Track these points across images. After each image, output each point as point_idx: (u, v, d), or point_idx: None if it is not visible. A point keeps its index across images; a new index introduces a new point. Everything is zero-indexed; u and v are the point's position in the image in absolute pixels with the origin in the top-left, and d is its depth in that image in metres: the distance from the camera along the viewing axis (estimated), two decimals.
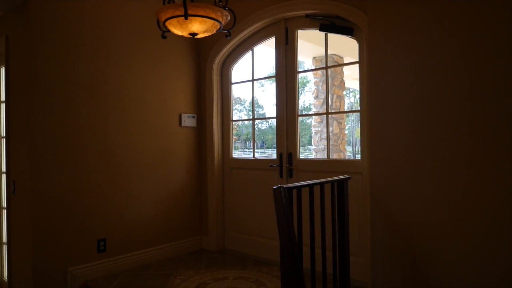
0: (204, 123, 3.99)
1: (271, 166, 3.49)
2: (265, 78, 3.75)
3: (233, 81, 3.92)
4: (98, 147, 3.23)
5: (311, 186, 2.02)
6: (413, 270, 1.92)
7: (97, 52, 3.23)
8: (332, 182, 2.18)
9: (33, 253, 2.87)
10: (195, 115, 3.97)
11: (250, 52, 3.75)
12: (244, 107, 17.39)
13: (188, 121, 3.90)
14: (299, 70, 3.38)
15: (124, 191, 3.40)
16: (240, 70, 4.00)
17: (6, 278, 3.32)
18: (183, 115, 3.85)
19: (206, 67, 3.94)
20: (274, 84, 3.50)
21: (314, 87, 6.30)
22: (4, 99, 3.32)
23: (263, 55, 4.00)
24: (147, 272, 3.29)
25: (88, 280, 3.10)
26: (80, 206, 3.11)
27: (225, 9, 2.57)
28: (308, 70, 3.31)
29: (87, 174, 3.15)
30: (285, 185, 1.79)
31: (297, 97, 3.37)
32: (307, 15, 3.18)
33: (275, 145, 3.57)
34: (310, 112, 5.25)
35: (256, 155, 4.17)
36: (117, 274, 3.24)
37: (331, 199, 2.18)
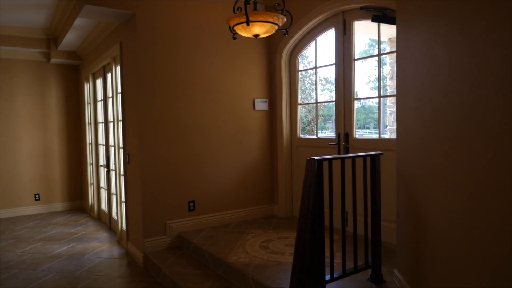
0: (275, 106, 4.57)
1: (330, 144, 3.94)
2: (327, 65, 4.14)
3: (299, 69, 4.40)
4: (189, 126, 4.04)
5: (342, 159, 2.47)
6: (420, 232, 2.23)
7: (188, 50, 4.00)
8: (364, 156, 2.59)
9: (143, 208, 3.82)
10: (267, 100, 4.57)
11: (313, 43, 4.18)
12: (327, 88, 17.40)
13: (261, 105, 4.51)
14: (356, 57, 3.73)
15: (208, 163, 4.18)
16: (324, 51, 4.34)
17: (125, 227, 4.40)
18: (256, 100, 4.48)
19: (276, 58, 4.49)
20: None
21: (389, 68, 6.38)
22: (120, 91, 4.32)
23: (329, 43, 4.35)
24: (226, 229, 4.06)
25: (181, 231, 3.98)
26: (175, 173, 3.97)
27: (282, 12, 3.09)
28: (362, 58, 3.41)
29: (180, 149, 3.99)
30: (316, 157, 2.29)
31: (353, 82, 3.73)
32: (361, 8, 3.50)
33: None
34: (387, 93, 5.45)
35: (323, 135, 4.60)
36: (203, 229, 4.08)
37: (363, 171, 2.60)
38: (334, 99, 3.96)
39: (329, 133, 4.46)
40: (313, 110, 4.07)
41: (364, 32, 3.96)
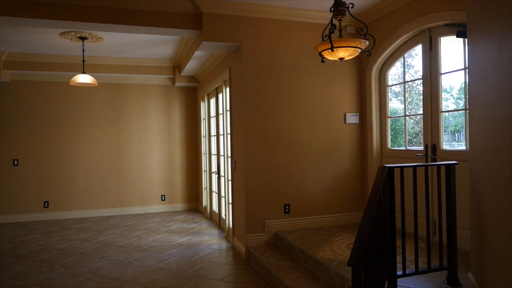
0: (365, 120, 4.87)
1: (418, 155, 4.10)
2: (415, 80, 4.32)
3: (389, 84, 4.65)
4: (286, 138, 4.62)
5: (414, 167, 2.75)
6: (485, 239, 2.33)
7: (286, 72, 4.61)
8: (438, 165, 2.81)
9: (245, 209, 4.49)
10: (357, 114, 4.90)
11: (401, 59, 4.41)
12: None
13: (352, 118, 4.87)
14: (442, 72, 3.87)
15: (301, 170, 4.69)
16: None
17: (231, 225, 5.15)
18: (347, 114, 4.86)
19: (366, 74, 4.81)
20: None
21: None
22: (228, 109, 5.13)
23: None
24: (317, 231, 4.49)
25: (277, 230, 4.54)
26: (273, 179, 4.57)
27: (365, 36, 3.47)
28: (450, 72, 3.33)
29: (278, 158, 4.59)
30: (388, 165, 2.63)
31: (440, 95, 3.87)
32: (446, 24, 3.66)
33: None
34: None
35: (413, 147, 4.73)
36: (296, 230, 4.58)
37: (437, 179, 2.82)
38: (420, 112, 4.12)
39: (417, 146, 4.58)
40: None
41: (450, 47, 4.06)
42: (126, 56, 6.71)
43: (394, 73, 4.67)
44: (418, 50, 4.18)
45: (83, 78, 5.40)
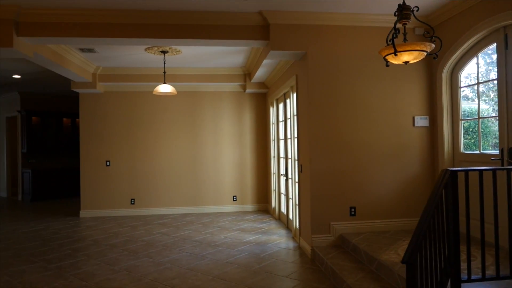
0: (435, 122, 4.74)
1: (492, 159, 3.91)
2: (490, 80, 4.13)
3: (461, 85, 4.48)
4: (351, 142, 4.69)
5: (480, 171, 2.70)
6: None
7: (351, 76, 4.69)
8: (508, 170, 2.72)
9: (311, 210, 4.64)
10: (427, 117, 4.78)
11: (475, 59, 4.23)
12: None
13: (421, 122, 4.77)
14: None
15: (368, 173, 4.71)
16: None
17: (298, 225, 5.33)
18: (416, 117, 4.77)
19: (436, 76, 4.68)
20: None
21: None
22: (295, 113, 5.33)
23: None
24: (383, 235, 4.48)
25: (343, 232, 4.62)
26: (338, 182, 4.67)
27: (431, 39, 3.46)
28: None
29: (343, 161, 4.67)
30: (451, 168, 2.62)
31: None
32: None
33: None
34: None
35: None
36: (362, 232, 4.61)
37: (507, 183, 2.73)
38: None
39: (493, 149, 4.33)
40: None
41: None
42: (202, 66, 7.25)
43: (466, 74, 4.48)
44: (492, 49, 4.00)
45: (164, 88, 5.99)
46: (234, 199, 8.01)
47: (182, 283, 3.87)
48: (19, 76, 8.05)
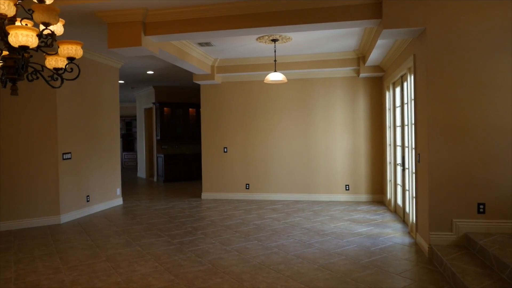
0: None
1: None
2: None
3: None
4: (478, 129, 4.06)
5: None
6: None
7: (478, 54, 4.04)
8: None
9: (429, 204, 4.20)
10: None
11: None
12: None
13: None
14: None
15: (501, 165, 4.03)
16: None
17: (415, 220, 4.89)
18: None
19: None
20: None
21: None
22: (413, 97, 4.85)
23: None
24: None
25: (468, 232, 4.07)
26: (462, 174, 4.11)
27: None
28: None
29: (468, 150, 4.09)
30: None
31: None
32: None
33: None
34: None
35: None
36: (493, 233, 3.99)
37: None
38: None
39: None
40: None
41: None
42: (312, 52, 7.13)
43: None
44: None
45: (275, 76, 6.07)
46: (347, 188, 7.75)
47: (287, 269, 3.92)
48: (152, 72, 9.10)
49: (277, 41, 6.14)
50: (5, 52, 2.63)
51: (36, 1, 2.53)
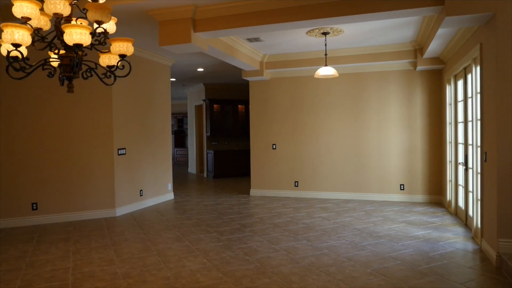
0: None
1: None
2: None
3: None
4: None
5: None
6: None
7: None
8: None
9: (498, 208, 3.82)
10: None
11: None
12: None
13: None
14: None
15: None
16: None
17: (479, 224, 4.48)
18: None
19: None
20: None
21: None
22: (479, 91, 4.43)
23: None
24: None
25: None
26: None
27: None
28: None
29: None
30: None
31: None
32: None
33: None
34: None
35: None
36: None
37: None
38: None
39: None
40: None
41: None
42: (365, 45, 6.80)
43: None
44: None
45: (325, 71, 5.86)
46: (402, 188, 7.35)
47: (338, 272, 3.75)
48: (202, 69, 9.21)
49: (328, 34, 5.92)
50: (62, 51, 2.72)
51: (90, 0, 2.58)
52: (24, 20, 2.47)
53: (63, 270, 3.88)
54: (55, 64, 2.86)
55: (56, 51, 2.75)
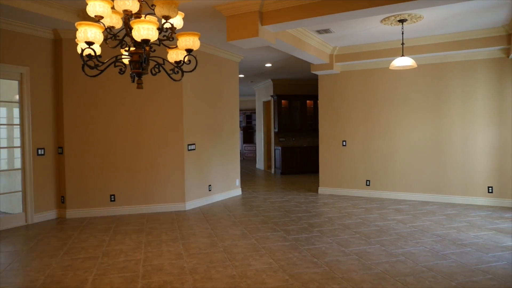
0: None
1: None
2: None
3: None
4: None
5: None
6: None
7: None
8: None
9: None
10: None
11: None
12: None
13: None
14: None
15: None
16: None
17: None
18: None
19: None
20: None
21: None
22: None
23: None
24: None
25: None
26: None
27: None
28: None
29: None
30: None
31: None
32: None
33: None
34: None
35: None
36: None
37: None
38: None
39: None
40: None
41: None
42: (447, 33, 6.16)
43: None
44: None
45: (402, 61, 5.40)
46: (490, 191, 6.57)
47: (417, 283, 3.39)
48: (270, 65, 9.11)
49: (405, 21, 5.44)
50: (132, 48, 2.76)
51: None
52: (97, 19, 2.53)
53: (135, 262, 4.02)
54: (126, 61, 2.92)
55: (127, 48, 2.79)
